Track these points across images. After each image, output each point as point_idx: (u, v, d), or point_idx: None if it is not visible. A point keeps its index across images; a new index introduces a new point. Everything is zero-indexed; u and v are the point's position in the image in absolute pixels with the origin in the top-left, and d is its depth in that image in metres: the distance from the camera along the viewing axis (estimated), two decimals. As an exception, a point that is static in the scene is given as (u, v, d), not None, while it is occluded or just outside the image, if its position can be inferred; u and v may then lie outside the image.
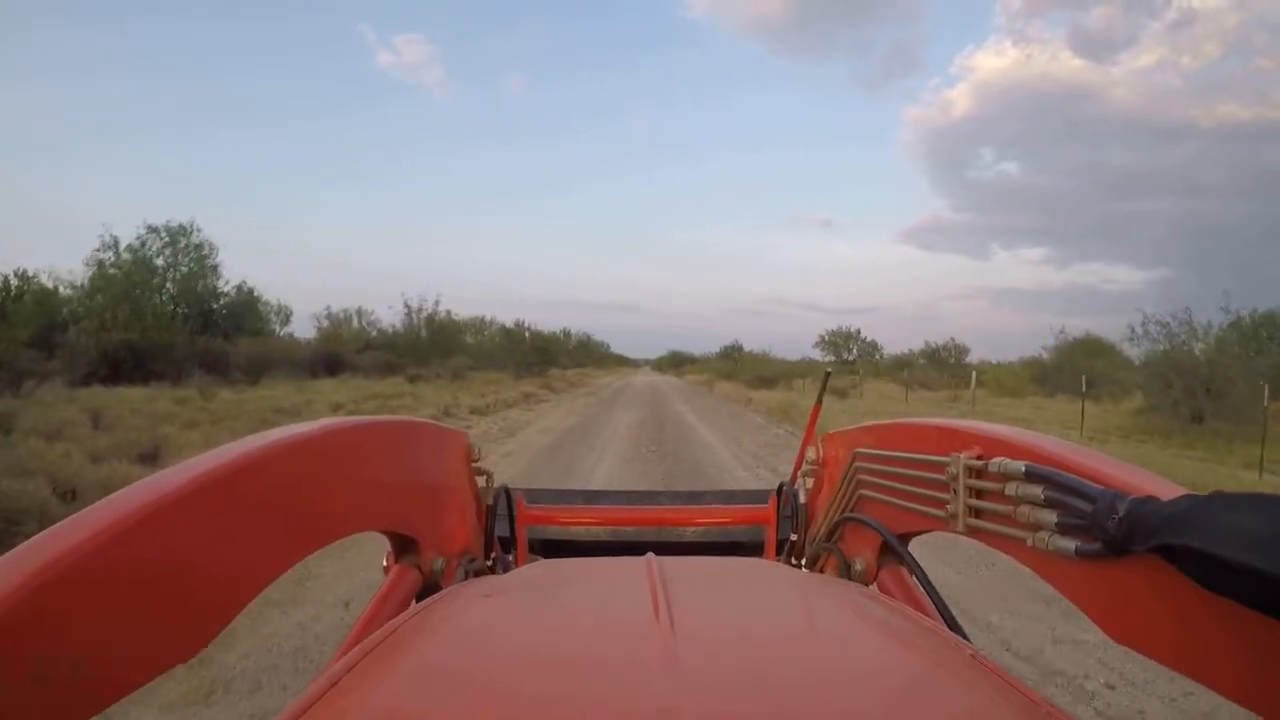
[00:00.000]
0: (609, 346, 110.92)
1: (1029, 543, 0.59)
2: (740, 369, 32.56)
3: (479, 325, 34.58)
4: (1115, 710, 2.49)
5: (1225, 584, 0.41)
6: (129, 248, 20.23)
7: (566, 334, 62.02)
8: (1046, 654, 2.93)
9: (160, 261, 20.50)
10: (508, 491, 1.19)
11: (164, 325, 16.62)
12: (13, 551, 0.40)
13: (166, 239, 20.78)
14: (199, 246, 21.25)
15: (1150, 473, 0.54)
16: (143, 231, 20.55)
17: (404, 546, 0.87)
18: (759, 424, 12.83)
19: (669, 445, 9.43)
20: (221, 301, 21.77)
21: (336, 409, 11.47)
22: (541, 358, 30.91)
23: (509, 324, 32.31)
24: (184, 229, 21.24)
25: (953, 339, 39.72)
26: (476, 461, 1.11)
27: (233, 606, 0.52)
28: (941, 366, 33.96)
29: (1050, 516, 0.57)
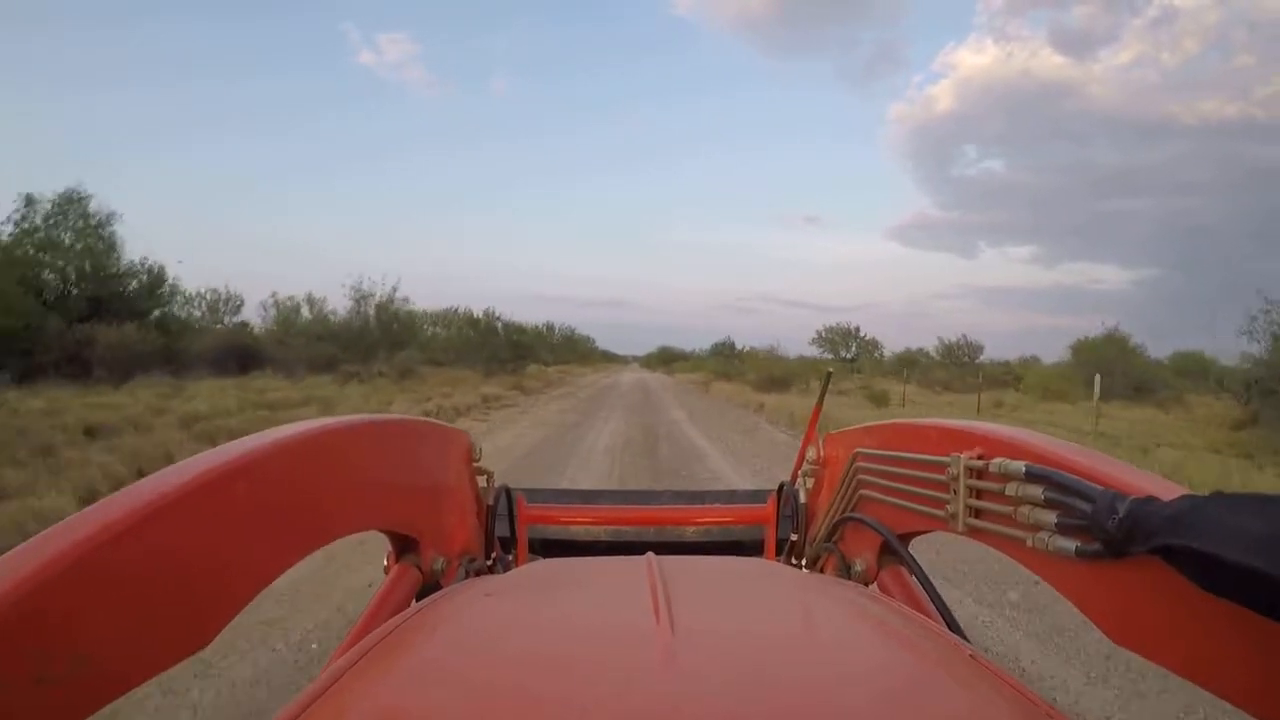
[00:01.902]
0: (594, 342, 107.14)
1: (1029, 543, 0.59)
2: (744, 367, 28.98)
3: (450, 318, 30.90)
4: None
5: (1225, 585, 0.41)
6: (9, 218, 16.41)
7: (549, 328, 58.54)
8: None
9: (44, 235, 16.53)
10: (508, 491, 1.18)
11: (5, 308, 12.88)
12: (14, 550, 0.40)
13: (53, 207, 16.91)
14: (88, 216, 17.16)
15: (1150, 473, 0.54)
16: (18, 199, 16.52)
17: (405, 546, 0.86)
18: (784, 442, 9.52)
19: (669, 485, 6.19)
20: (129, 283, 17.98)
21: (190, 425, 8.07)
22: (516, 353, 27.27)
23: (479, 314, 28.29)
24: (74, 196, 17.33)
25: (965, 335, 36.91)
26: (477, 461, 1.10)
27: (233, 605, 0.51)
28: (958, 366, 31.03)
29: (1050, 517, 0.56)
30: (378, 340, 19.48)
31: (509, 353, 26.34)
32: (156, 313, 18.49)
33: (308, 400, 10.54)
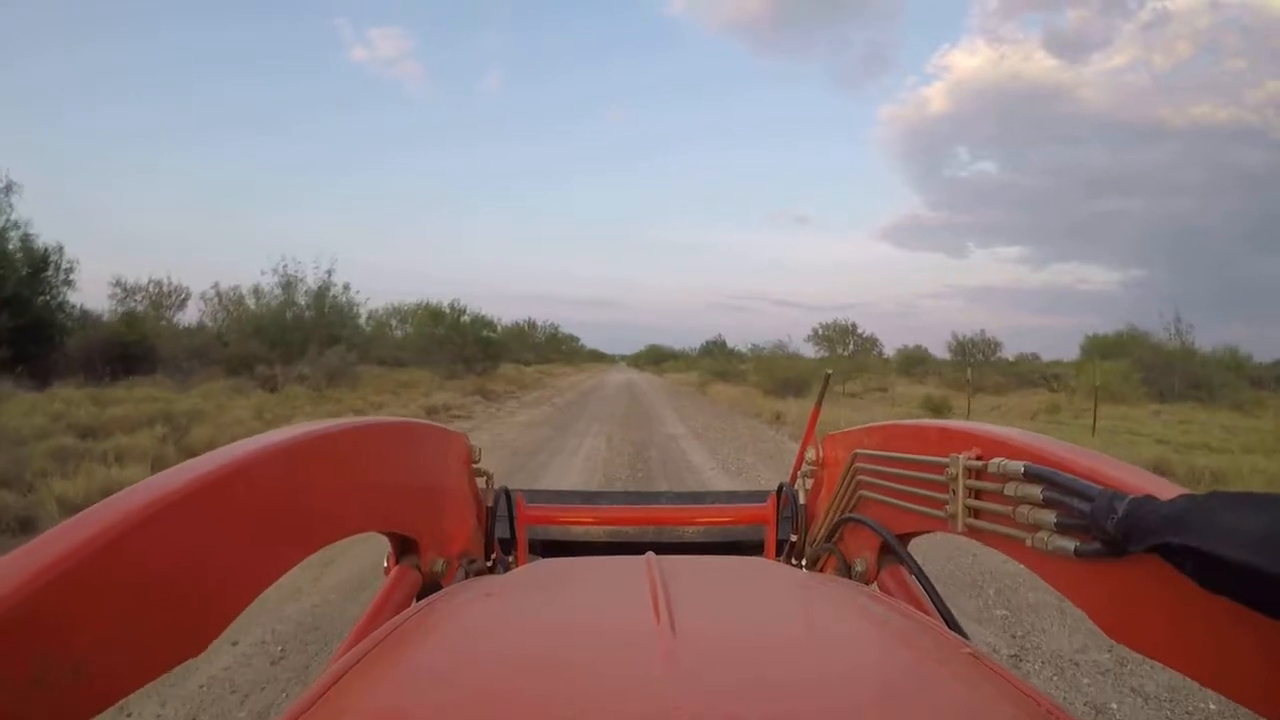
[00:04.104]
0: (580, 341, 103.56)
1: (1028, 543, 0.59)
2: (744, 367, 25.81)
3: (413, 311, 27.50)
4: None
5: (1224, 583, 0.41)
6: None
7: (531, 325, 55.24)
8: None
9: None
10: (508, 492, 1.18)
11: None
12: (13, 553, 0.40)
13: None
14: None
15: (1149, 472, 0.53)
16: None
17: (405, 547, 0.86)
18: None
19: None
20: (10, 267, 14.51)
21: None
22: (487, 351, 23.99)
23: (444, 307, 24.35)
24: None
25: (983, 331, 34.25)
26: (477, 463, 1.10)
27: (233, 607, 0.51)
28: (973, 365, 28.30)
29: (1049, 516, 0.56)
30: (308, 336, 16.17)
31: (478, 351, 23.08)
32: (40, 301, 15.07)
33: (154, 419, 7.36)
